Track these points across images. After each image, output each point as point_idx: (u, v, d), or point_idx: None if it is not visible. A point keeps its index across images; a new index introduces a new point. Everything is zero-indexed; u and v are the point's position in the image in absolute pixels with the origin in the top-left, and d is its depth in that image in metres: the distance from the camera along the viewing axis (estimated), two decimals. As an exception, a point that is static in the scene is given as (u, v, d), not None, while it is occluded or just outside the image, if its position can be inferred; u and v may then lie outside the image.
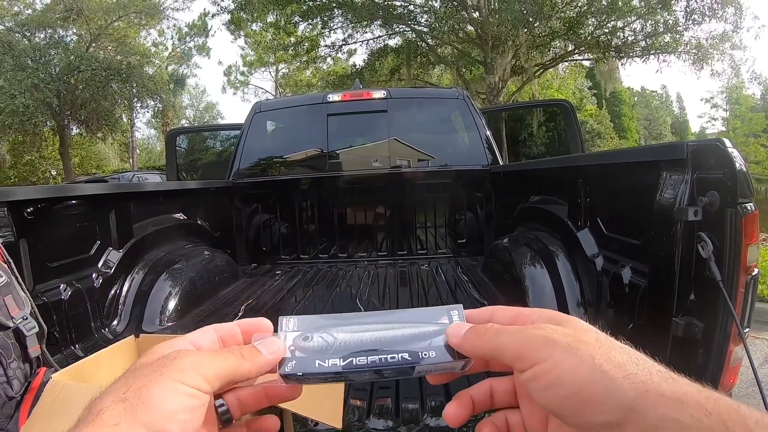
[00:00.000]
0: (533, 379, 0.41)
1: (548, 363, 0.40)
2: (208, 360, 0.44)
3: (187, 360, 0.43)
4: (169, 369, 0.41)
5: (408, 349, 0.48)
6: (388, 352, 0.48)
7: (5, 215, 1.82)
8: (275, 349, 0.47)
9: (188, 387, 0.41)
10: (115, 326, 2.45)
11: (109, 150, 33.99)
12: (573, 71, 24.02)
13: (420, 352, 0.48)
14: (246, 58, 37.01)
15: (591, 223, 2.31)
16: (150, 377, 0.40)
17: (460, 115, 4.37)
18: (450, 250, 4.22)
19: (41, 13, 21.44)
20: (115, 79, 20.91)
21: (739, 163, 1.32)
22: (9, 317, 1.36)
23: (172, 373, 0.41)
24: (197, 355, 0.44)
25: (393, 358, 0.47)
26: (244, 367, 0.45)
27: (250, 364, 0.46)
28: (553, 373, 0.40)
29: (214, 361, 0.44)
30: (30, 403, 1.25)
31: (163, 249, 3.05)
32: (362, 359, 0.47)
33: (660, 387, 0.37)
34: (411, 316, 0.52)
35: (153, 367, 0.42)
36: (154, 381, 0.40)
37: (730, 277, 1.34)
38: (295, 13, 17.55)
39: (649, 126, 55.79)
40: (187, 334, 0.49)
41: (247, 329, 0.51)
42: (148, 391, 0.39)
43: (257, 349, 0.47)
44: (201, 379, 0.42)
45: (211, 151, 7.52)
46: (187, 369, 0.42)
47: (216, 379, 0.43)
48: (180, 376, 0.41)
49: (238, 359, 0.45)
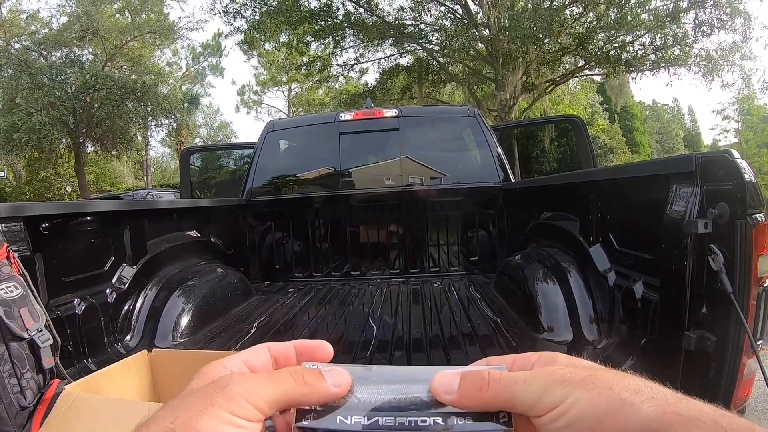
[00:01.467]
0: (554, 420, 0.40)
1: (567, 403, 0.39)
2: (263, 386, 0.41)
3: (240, 388, 0.39)
4: (220, 398, 0.38)
5: (441, 412, 0.43)
6: (418, 415, 0.43)
7: (21, 230, 1.85)
8: (342, 382, 0.43)
9: (240, 419, 0.38)
10: (128, 341, 2.47)
11: (124, 168, 34.42)
12: (584, 86, 24.04)
13: (455, 419, 0.43)
14: (259, 77, 37.51)
15: (603, 238, 2.30)
16: (200, 407, 0.38)
17: (471, 133, 4.37)
18: (462, 267, 4.19)
19: (58, 32, 21.89)
20: (130, 98, 21.25)
21: (748, 174, 1.32)
22: (24, 329, 1.38)
23: (223, 403, 0.38)
24: (250, 380, 0.41)
25: (424, 422, 0.42)
26: (303, 394, 0.42)
27: (310, 390, 0.42)
28: (574, 410, 0.39)
29: (270, 387, 0.41)
30: (42, 414, 1.27)
31: (177, 266, 3.07)
32: (389, 420, 0.42)
33: (677, 407, 0.37)
34: None
35: (203, 395, 0.39)
36: (204, 412, 0.37)
37: (741, 289, 1.33)
38: (307, 33, 17.79)
39: (661, 140, 55.43)
40: (240, 352, 0.46)
41: (304, 350, 0.48)
42: (197, 424, 0.37)
43: (322, 377, 0.43)
44: (253, 409, 0.39)
45: (225, 170, 7.57)
46: (239, 398, 0.39)
47: (269, 406, 0.40)
48: (231, 407, 0.38)
49: (299, 384, 0.42)
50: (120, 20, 24.18)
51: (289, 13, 16.02)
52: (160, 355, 1.54)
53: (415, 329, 2.74)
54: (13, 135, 18.92)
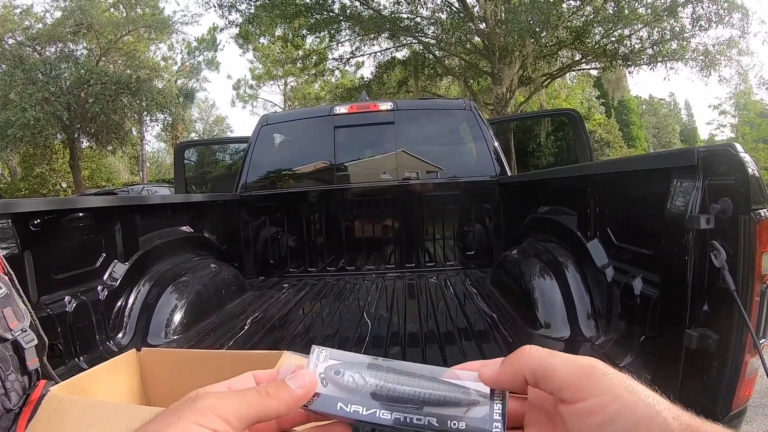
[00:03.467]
0: (588, 413, 0.39)
1: (606, 397, 0.39)
2: (229, 400, 0.41)
3: (206, 401, 0.40)
4: (187, 411, 0.39)
5: (437, 414, 0.44)
6: (416, 413, 0.44)
7: (9, 227, 1.82)
8: (305, 382, 0.44)
9: (205, 429, 0.38)
10: (120, 339, 2.44)
11: (119, 163, 34.32)
12: (581, 80, 24.09)
13: (449, 422, 0.44)
14: (255, 71, 37.43)
15: (601, 233, 2.28)
16: (168, 420, 0.38)
17: (467, 126, 4.34)
18: (458, 262, 4.18)
19: (52, 27, 21.83)
20: (125, 93, 21.20)
21: (751, 169, 1.29)
22: (8, 329, 1.35)
23: (189, 415, 0.39)
24: (218, 396, 0.41)
25: (419, 421, 0.44)
26: (269, 406, 0.42)
27: (276, 401, 0.42)
28: (611, 408, 0.39)
29: (236, 401, 0.41)
30: (28, 416, 1.24)
31: (170, 262, 3.05)
32: (386, 415, 0.44)
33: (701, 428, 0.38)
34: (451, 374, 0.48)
35: (172, 410, 0.40)
36: (171, 424, 0.38)
37: (744, 287, 1.30)
38: (302, 27, 17.71)
39: (657, 134, 55.60)
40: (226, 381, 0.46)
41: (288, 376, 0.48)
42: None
43: (285, 384, 0.44)
44: (220, 421, 0.39)
45: (220, 165, 7.55)
46: (205, 411, 0.39)
47: (238, 420, 0.40)
48: (197, 418, 0.39)
49: (263, 397, 0.42)
50: (114, 14, 24.06)
51: (284, 7, 15.94)
52: (149, 354, 1.51)
53: (410, 324, 2.72)
54: (7, 131, 18.82)
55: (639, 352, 1.81)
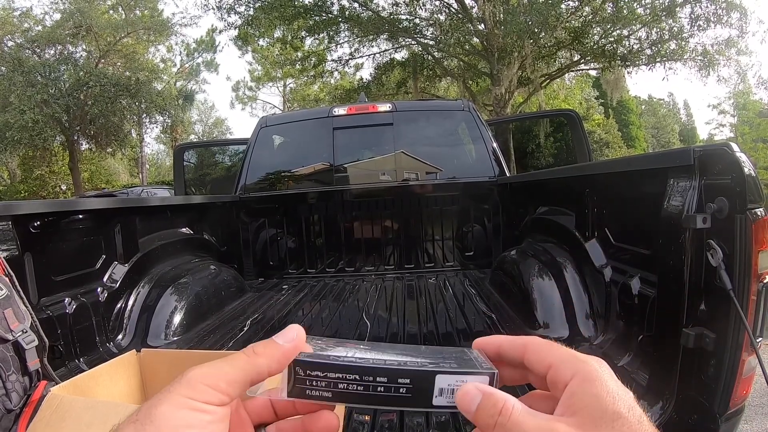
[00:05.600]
0: None
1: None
2: (217, 367, 0.41)
3: (196, 373, 0.40)
4: (177, 385, 0.39)
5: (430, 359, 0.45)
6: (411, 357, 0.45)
7: (9, 229, 1.82)
8: (292, 336, 0.44)
9: (196, 402, 0.38)
10: (120, 340, 2.45)
11: (119, 165, 34.32)
12: (579, 81, 24.06)
13: (439, 363, 0.44)
14: (254, 73, 37.45)
15: (599, 233, 2.28)
16: (160, 396, 0.39)
17: (466, 127, 4.35)
18: (457, 262, 4.18)
19: (51, 29, 21.79)
20: (124, 95, 21.17)
21: (747, 168, 1.30)
22: (8, 330, 1.35)
23: (180, 389, 0.39)
24: (207, 366, 0.41)
25: (413, 363, 0.44)
26: (258, 364, 0.42)
27: (265, 358, 0.42)
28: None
29: (225, 367, 0.41)
30: (29, 417, 1.25)
31: (169, 263, 3.05)
32: (380, 357, 0.44)
33: None
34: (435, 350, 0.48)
35: (166, 388, 0.40)
36: (163, 399, 0.38)
37: (741, 286, 1.31)
38: (301, 28, 17.75)
39: (657, 134, 55.56)
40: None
41: None
42: (156, 410, 0.37)
43: (272, 341, 0.43)
44: (211, 391, 0.39)
45: (220, 166, 7.56)
46: (194, 382, 0.39)
47: (230, 385, 0.40)
48: (187, 392, 0.39)
49: (250, 357, 0.42)
50: (113, 17, 24.06)
51: (283, 9, 15.97)
52: (149, 355, 1.51)
53: (409, 325, 2.73)
54: (6, 133, 18.82)
55: (637, 351, 1.81)
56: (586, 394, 0.38)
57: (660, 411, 1.48)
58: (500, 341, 0.47)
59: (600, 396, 0.38)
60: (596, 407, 0.38)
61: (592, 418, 0.37)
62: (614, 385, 0.39)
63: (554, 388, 0.41)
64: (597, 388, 0.38)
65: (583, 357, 0.41)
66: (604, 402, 0.38)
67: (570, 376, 0.40)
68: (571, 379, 0.40)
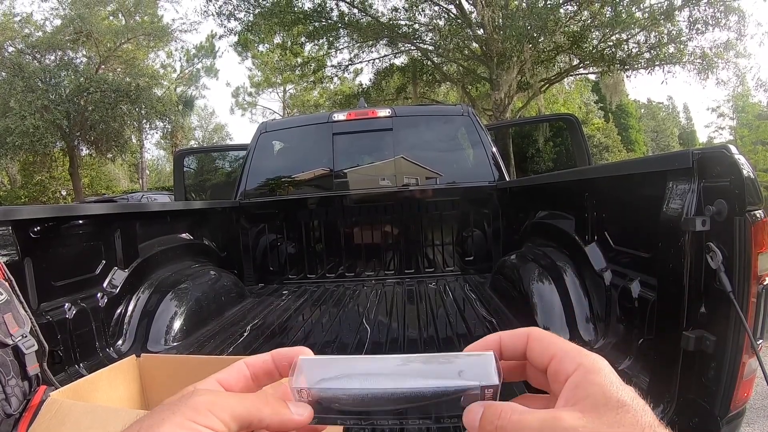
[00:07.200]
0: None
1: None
2: (227, 400, 0.41)
3: (202, 398, 0.40)
4: (182, 407, 0.39)
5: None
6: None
7: (9, 234, 1.82)
8: (305, 413, 0.43)
9: (200, 426, 0.38)
10: (119, 345, 2.44)
11: (119, 171, 34.35)
12: (579, 85, 24.09)
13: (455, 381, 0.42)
14: (253, 79, 37.54)
15: (598, 236, 2.28)
16: (162, 415, 0.38)
17: (466, 132, 4.35)
18: (458, 267, 4.17)
19: (51, 35, 21.83)
20: (124, 101, 21.22)
21: (746, 170, 1.30)
22: (8, 335, 1.35)
23: (185, 411, 0.38)
24: (216, 394, 0.41)
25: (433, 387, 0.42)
26: (264, 414, 0.42)
27: (271, 411, 0.42)
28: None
29: (234, 401, 0.41)
30: (28, 421, 1.24)
31: (169, 269, 3.05)
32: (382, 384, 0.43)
33: None
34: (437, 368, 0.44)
35: (168, 405, 0.39)
36: (166, 419, 0.38)
37: (740, 288, 1.31)
38: (301, 34, 17.80)
39: (656, 138, 55.67)
40: (216, 373, 0.46)
41: (282, 359, 0.47)
42: (157, 430, 0.37)
43: (285, 404, 0.43)
44: (216, 420, 0.39)
45: (220, 172, 7.55)
46: (200, 407, 0.39)
47: (233, 420, 0.40)
48: (192, 415, 0.38)
49: (263, 403, 0.42)
50: (113, 22, 24.11)
51: (282, 15, 16.01)
52: (148, 360, 1.51)
53: (410, 330, 2.72)
54: (7, 139, 18.85)
55: (637, 354, 1.81)
56: (590, 384, 0.39)
57: (661, 414, 1.47)
58: (500, 335, 0.47)
59: (604, 385, 0.38)
60: (600, 396, 0.38)
61: (596, 406, 0.37)
62: (616, 379, 0.39)
63: (555, 380, 0.42)
64: (601, 379, 0.39)
65: (586, 351, 0.42)
66: (608, 391, 0.38)
67: (573, 368, 0.40)
68: (574, 371, 0.40)
